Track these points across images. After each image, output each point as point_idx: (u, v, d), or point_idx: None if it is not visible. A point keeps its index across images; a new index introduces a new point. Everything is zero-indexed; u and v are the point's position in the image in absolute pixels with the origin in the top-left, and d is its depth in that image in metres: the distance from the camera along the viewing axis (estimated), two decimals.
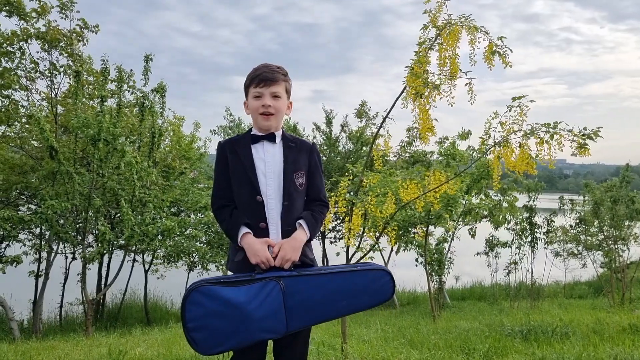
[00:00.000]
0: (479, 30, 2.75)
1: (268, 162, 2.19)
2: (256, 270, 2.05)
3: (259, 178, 2.16)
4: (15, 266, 10.96)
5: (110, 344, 5.84)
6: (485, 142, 3.03)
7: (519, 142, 2.91)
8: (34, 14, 9.67)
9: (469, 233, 11.52)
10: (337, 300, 2.09)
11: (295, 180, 2.19)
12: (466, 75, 2.81)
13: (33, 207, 11.42)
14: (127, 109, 10.75)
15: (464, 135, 10.32)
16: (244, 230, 2.10)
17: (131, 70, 10.10)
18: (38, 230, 11.04)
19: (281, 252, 2.07)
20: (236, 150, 2.21)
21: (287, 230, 2.15)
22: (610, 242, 10.99)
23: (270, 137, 2.22)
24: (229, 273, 2.22)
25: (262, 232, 2.13)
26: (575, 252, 12.50)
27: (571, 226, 11.71)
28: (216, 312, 1.94)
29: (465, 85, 2.88)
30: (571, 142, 2.79)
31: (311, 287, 2.06)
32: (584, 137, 2.76)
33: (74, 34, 10.13)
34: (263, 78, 2.18)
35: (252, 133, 2.25)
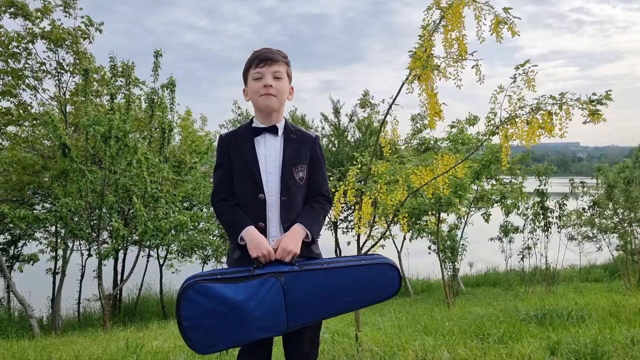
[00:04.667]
0: (482, 7, 2.70)
1: (269, 157, 2.10)
2: (255, 265, 1.96)
3: (262, 175, 2.08)
4: (32, 264, 11.14)
5: (128, 337, 5.92)
6: (491, 121, 2.98)
7: (527, 119, 2.85)
8: (38, 14, 9.74)
9: (484, 218, 11.46)
10: (340, 296, 2.00)
11: (295, 174, 2.10)
12: (472, 56, 2.77)
13: (48, 205, 11.58)
14: (135, 104, 10.81)
15: (472, 121, 10.25)
16: (247, 225, 2.02)
17: (132, 62, 10.10)
18: (53, 228, 11.19)
19: (281, 243, 1.98)
20: (239, 144, 2.11)
21: (288, 227, 2.06)
22: (625, 225, 10.86)
23: (273, 130, 2.13)
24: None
25: (261, 232, 2.04)
26: (590, 235, 12.39)
27: (583, 209, 11.60)
28: (213, 311, 1.85)
29: (473, 67, 2.83)
30: (582, 111, 2.72)
31: (313, 283, 1.96)
32: (594, 103, 2.69)
33: (80, 32, 10.19)
34: (263, 57, 2.08)
35: (253, 125, 2.15)
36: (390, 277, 2.06)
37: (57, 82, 10.46)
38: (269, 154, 2.11)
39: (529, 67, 2.86)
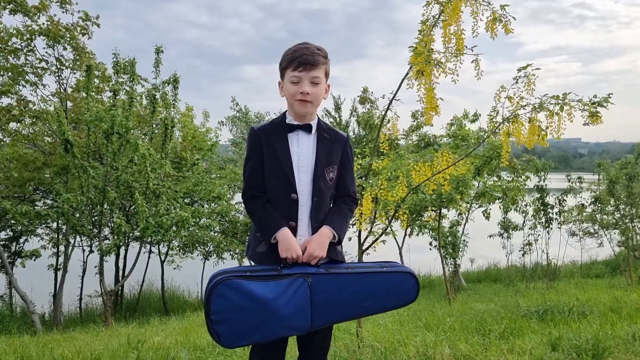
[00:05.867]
0: (481, 3, 2.69)
1: (302, 155, 2.08)
2: (282, 264, 1.99)
3: (295, 174, 2.06)
4: (35, 260, 11.16)
5: (129, 333, 5.94)
6: (493, 120, 2.98)
7: (529, 117, 2.85)
8: (34, 10, 9.72)
9: (484, 215, 11.46)
10: (361, 301, 2.04)
11: (326, 175, 2.09)
12: (472, 50, 2.76)
13: (49, 202, 11.59)
14: (136, 101, 10.81)
15: (473, 119, 10.22)
16: (282, 227, 2.02)
17: (133, 58, 10.07)
18: (55, 224, 11.21)
19: (309, 248, 2.00)
20: (271, 140, 2.07)
21: (317, 227, 2.07)
22: (626, 220, 10.85)
23: (306, 128, 2.09)
24: (250, 262, 2.16)
25: (291, 230, 2.04)
26: (592, 231, 12.38)
27: (583, 205, 11.59)
28: (242, 307, 1.89)
29: (472, 62, 2.82)
30: (582, 112, 2.74)
31: (338, 286, 2.01)
32: (594, 105, 2.70)
33: (78, 28, 10.17)
34: (303, 61, 2.00)
35: (287, 121, 2.11)
36: (409, 285, 2.10)
37: (57, 78, 10.45)
38: (302, 152, 2.08)
39: (531, 71, 2.87)
